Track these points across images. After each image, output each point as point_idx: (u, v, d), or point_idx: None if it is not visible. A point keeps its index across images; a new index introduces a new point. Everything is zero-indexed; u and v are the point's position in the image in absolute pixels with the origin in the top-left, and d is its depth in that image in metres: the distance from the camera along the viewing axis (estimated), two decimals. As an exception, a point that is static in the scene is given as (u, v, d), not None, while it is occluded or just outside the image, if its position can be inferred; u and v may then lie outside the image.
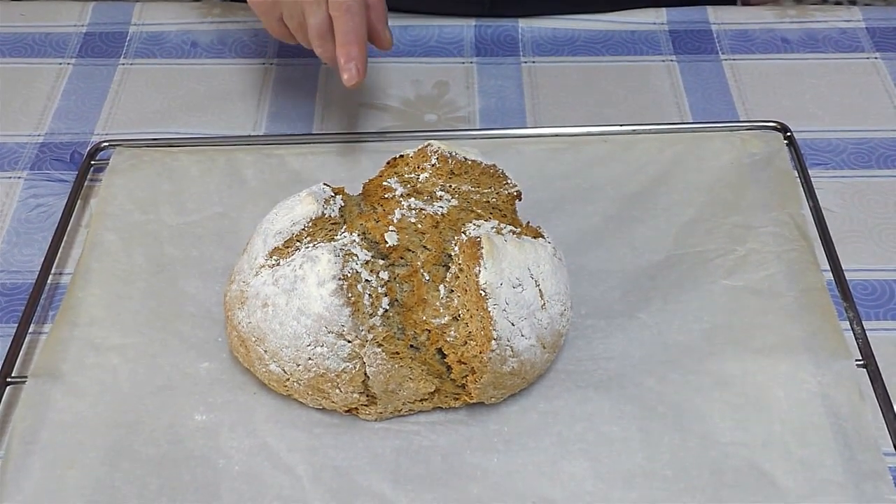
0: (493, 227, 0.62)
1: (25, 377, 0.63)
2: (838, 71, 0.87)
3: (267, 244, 0.62)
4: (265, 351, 0.60)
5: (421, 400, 0.61)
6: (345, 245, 0.60)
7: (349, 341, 0.58)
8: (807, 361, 0.63)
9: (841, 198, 0.76)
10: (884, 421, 0.60)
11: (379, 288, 0.60)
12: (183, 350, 0.65)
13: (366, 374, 0.59)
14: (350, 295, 0.58)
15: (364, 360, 0.59)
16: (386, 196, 0.64)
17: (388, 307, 0.60)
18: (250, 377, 0.63)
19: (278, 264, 0.60)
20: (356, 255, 0.60)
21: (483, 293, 0.58)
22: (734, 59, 0.88)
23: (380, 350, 0.58)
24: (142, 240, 0.71)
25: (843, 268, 0.68)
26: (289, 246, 0.61)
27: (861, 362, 0.63)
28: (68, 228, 0.73)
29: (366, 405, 0.61)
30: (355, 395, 0.60)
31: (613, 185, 0.75)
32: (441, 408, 0.62)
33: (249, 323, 0.60)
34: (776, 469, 0.58)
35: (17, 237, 0.74)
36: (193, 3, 0.93)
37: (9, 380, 0.63)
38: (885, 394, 0.61)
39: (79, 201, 0.75)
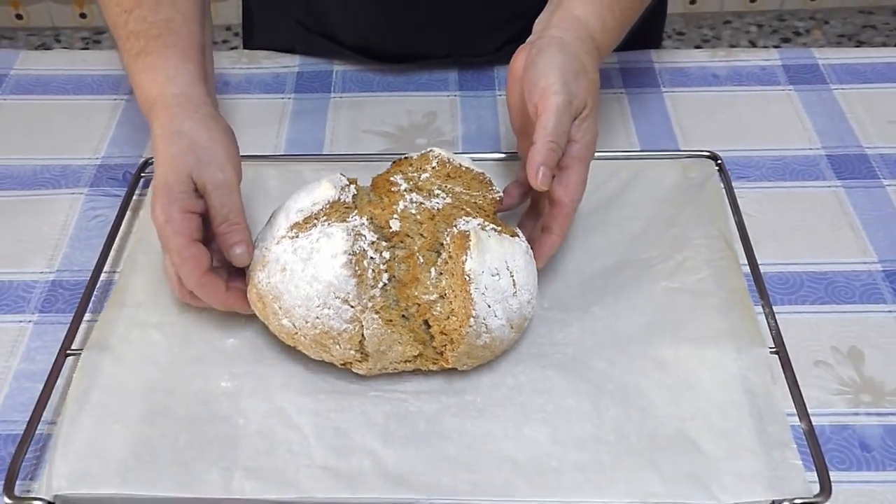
0: (479, 224, 0.64)
1: (81, 350, 0.67)
2: (759, 101, 0.93)
3: (289, 218, 0.64)
4: (280, 307, 0.62)
5: (405, 361, 0.63)
6: (355, 226, 0.62)
7: (352, 307, 0.60)
8: (729, 349, 0.66)
9: (760, 204, 0.81)
10: (791, 398, 0.64)
11: (381, 265, 0.62)
12: (212, 328, 0.69)
13: (363, 335, 0.61)
14: (357, 268, 0.60)
15: (363, 323, 0.61)
16: (392, 190, 0.67)
17: (387, 282, 0.62)
18: (268, 352, 0.67)
19: (297, 237, 0.62)
20: (364, 235, 0.62)
21: (467, 278, 0.61)
22: (673, 92, 0.94)
23: (377, 317, 0.61)
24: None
25: (761, 262, 0.73)
26: (308, 222, 0.63)
27: (774, 350, 0.66)
28: (119, 234, 0.78)
29: (359, 361, 0.63)
30: (352, 351, 0.62)
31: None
32: (421, 370, 0.64)
33: (269, 283, 0.62)
34: (701, 437, 0.61)
35: (78, 242, 0.80)
36: (225, 53, 0.99)
37: (68, 352, 0.67)
38: (793, 376, 0.65)
39: (128, 212, 0.80)
